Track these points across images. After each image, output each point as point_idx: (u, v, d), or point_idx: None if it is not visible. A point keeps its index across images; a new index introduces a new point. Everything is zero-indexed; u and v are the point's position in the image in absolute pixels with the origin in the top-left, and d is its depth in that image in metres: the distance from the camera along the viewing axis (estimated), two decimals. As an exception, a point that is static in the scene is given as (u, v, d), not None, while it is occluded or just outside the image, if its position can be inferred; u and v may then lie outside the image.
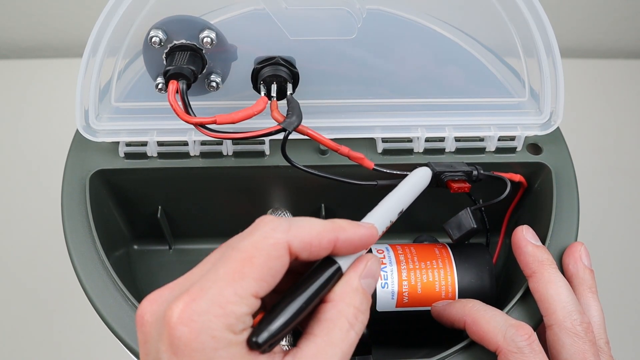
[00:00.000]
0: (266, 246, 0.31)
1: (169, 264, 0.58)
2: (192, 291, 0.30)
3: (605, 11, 0.91)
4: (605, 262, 0.76)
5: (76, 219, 0.48)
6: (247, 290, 0.30)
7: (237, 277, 0.30)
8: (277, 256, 0.31)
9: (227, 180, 0.52)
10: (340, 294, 0.33)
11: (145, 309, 0.32)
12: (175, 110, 0.43)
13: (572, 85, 0.72)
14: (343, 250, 0.34)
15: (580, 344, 0.40)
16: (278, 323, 0.31)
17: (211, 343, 0.30)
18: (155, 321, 0.31)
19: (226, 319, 0.30)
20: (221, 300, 0.30)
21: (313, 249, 0.32)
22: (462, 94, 0.50)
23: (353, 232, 0.34)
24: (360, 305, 0.33)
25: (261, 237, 0.31)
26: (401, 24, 0.46)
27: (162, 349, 0.30)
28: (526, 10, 0.46)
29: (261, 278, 0.31)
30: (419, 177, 0.44)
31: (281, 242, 0.31)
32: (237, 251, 0.31)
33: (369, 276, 0.34)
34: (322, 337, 0.32)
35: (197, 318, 0.30)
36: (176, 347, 0.30)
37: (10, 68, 0.93)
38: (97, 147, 0.50)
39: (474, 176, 0.48)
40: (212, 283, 0.30)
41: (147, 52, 0.46)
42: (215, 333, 0.30)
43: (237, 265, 0.31)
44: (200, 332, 0.30)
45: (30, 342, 0.71)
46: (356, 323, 0.33)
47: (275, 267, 0.31)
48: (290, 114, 0.43)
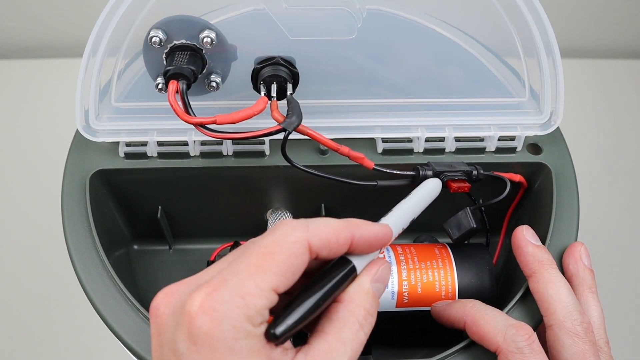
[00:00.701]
0: (287, 243, 0.32)
1: (169, 263, 0.58)
2: (214, 282, 0.31)
3: (605, 11, 0.91)
4: (605, 262, 0.76)
5: (76, 219, 0.48)
6: (267, 284, 0.31)
7: (259, 270, 0.31)
8: (297, 253, 0.32)
9: (227, 180, 0.52)
10: (353, 295, 0.34)
11: (161, 301, 0.32)
12: (175, 110, 0.43)
13: (572, 85, 0.72)
14: (359, 247, 0.35)
15: (581, 344, 0.40)
16: (295, 316, 0.32)
17: (232, 333, 0.30)
18: (172, 312, 0.32)
19: (247, 310, 0.30)
20: (242, 292, 0.31)
21: (332, 246, 0.33)
22: (462, 94, 0.50)
23: (369, 229, 0.35)
24: (370, 307, 0.34)
25: (282, 234, 0.32)
26: (401, 24, 0.46)
27: (180, 339, 0.31)
28: (526, 10, 0.46)
29: (281, 273, 0.32)
30: (431, 187, 0.45)
31: (301, 240, 0.32)
32: (258, 246, 0.32)
33: (379, 280, 0.35)
34: (334, 335, 0.33)
35: (218, 307, 0.30)
36: (196, 337, 0.30)
37: (10, 68, 0.93)
38: (97, 147, 0.50)
39: (473, 176, 0.48)
40: (234, 275, 0.31)
41: (147, 52, 0.46)
42: (236, 323, 0.30)
43: (259, 259, 0.32)
44: (221, 321, 0.30)
45: (30, 342, 0.71)
46: (365, 324, 0.34)
47: (295, 264, 0.32)
48: (290, 114, 0.43)
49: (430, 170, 0.48)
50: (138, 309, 0.44)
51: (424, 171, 0.48)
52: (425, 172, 0.48)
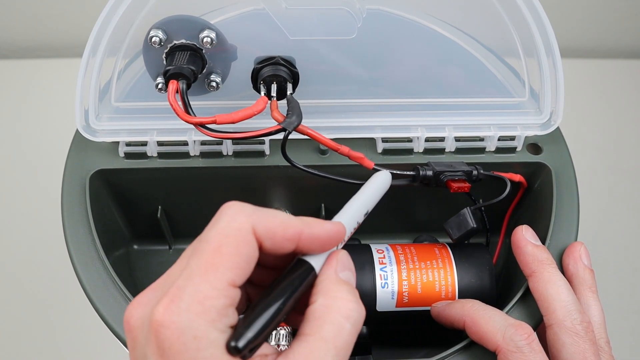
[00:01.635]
0: (232, 231, 0.31)
1: (169, 263, 0.57)
2: (171, 292, 0.30)
3: (605, 11, 0.91)
4: (605, 262, 0.76)
5: (76, 219, 0.48)
6: (222, 282, 0.30)
7: (210, 270, 0.30)
8: (244, 241, 0.31)
9: (227, 180, 0.52)
10: (323, 291, 0.32)
11: (131, 313, 0.31)
12: (175, 110, 0.43)
13: (572, 85, 0.72)
14: (310, 246, 0.33)
15: (581, 344, 0.40)
16: (256, 327, 0.30)
17: (193, 344, 0.29)
18: (142, 325, 0.31)
19: (207, 316, 0.29)
20: (199, 297, 0.29)
21: (277, 239, 0.32)
22: (462, 93, 0.50)
23: (319, 226, 0.33)
24: (348, 295, 0.32)
25: (226, 222, 0.31)
26: (401, 24, 0.46)
27: (150, 352, 0.30)
28: (526, 10, 0.46)
29: (234, 266, 0.30)
30: (381, 180, 0.43)
31: (245, 226, 0.31)
32: (205, 243, 0.31)
33: (344, 269, 0.33)
34: (313, 335, 0.31)
35: (177, 319, 0.29)
36: (162, 351, 0.29)
37: (10, 68, 0.93)
38: (97, 147, 0.50)
39: (473, 176, 0.48)
40: (188, 280, 0.30)
41: (147, 52, 0.46)
42: (197, 333, 0.29)
43: (208, 257, 0.30)
44: (182, 333, 0.29)
45: (30, 342, 0.71)
46: (350, 314, 0.31)
47: (246, 253, 0.31)
48: (290, 114, 0.43)
49: (430, 170, 0.48)
50: (138, 309, 0.44)
51: (424, 171, 0.48)
52: (425, 172, 0.48)
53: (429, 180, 0.48)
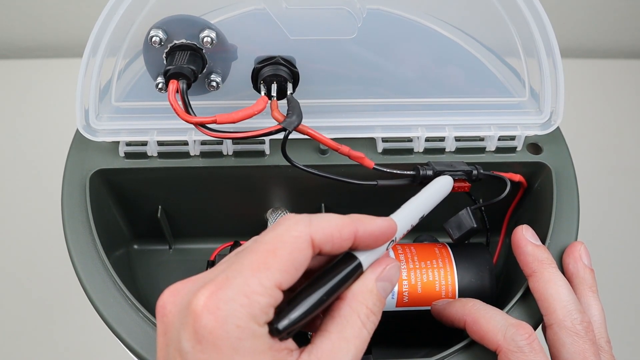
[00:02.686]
0: (290, 238, 0.32)
1: (169, 263, 0.58)
2: (218, 280, 0.31)
3: (605, 11, 0.91)
4: (605, 262, 0.76)
5: (76, 219, 0.48)
6: (271, 281, 0.31)
7: (262, 268, 0.31)
8: (300, 249, 0.32)
9: (227, 180, 0.52)
10: (355, 292, 0.34)
11: (167, 299, 0.32)
12: (176, 109, 0.43)
13: (572, 85, 0.72)
14: (364, 242, 0.34)
15: (581, 343, 0.40)
16: (299, 311, 0.32)
17: (236, 332, 0.30)
18: (178, 311, 0.31)
19: (251, 309, 0.30)
20: (246, 290, 0.30)
21: (335, 241, 0.33)
22: (462, 93, 0.50)
23: (372, 223, 0.34)
24: (373, 306, 0.34)
25: (285, 230, 0.32)
26: (401, 24, 0.46)
27: (185, 337, 0.30)
28: (526, 10, 0.46)
29: (285, 269, 0.31)
30: (442, 185, 0.45)
31: (304, 235, 0.32)
32: (260, 244, 0.32)
33: (386, 279, 0.35)
34: (336, 333, 0.33)
35: (222, 306, 0.30)
36: (201, 336, 0.30)
37: (10, 68, 0.93)
38: (97, 147, 0.50)
39: (473, 176, 0.48)
40: (238, 273, 0.31)
41: (147, 52, 0.46)
42: (240, 322, 0.30)
43: (262, 256, 0.31)
44: (225, 320, 0.30)
45: (30, 342, 0.71)
46: (368, 322, 0.34)
47: (298, 260, 0.32)
48: (290, 114, 0.43)
49: (430, 170, 0.48)
50: (138, 309, 0.44)
51: (424, 171, 0.48)
52: (425, 172, 0.48)
53: (429, 180, 0.48)
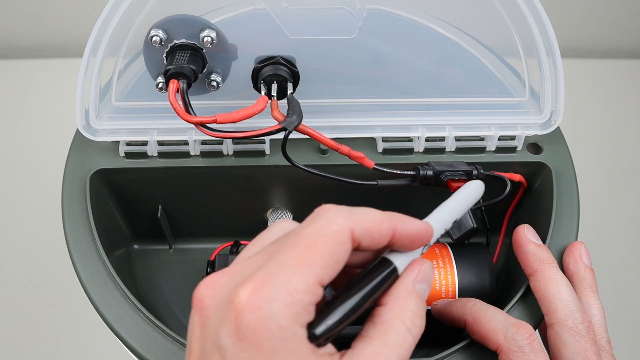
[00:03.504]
0: (330, 232, 0.31)
1: (169, 263, 0.58)
2: (259, 277, 0.30)
3: (605, 11, 0.91)
4: (605, 262, 0.76)
5: (76, 219, 0.48)
6: (313, 278, 0.30)
7: (304, 264, 0.30)
8: (340, 242, 0.31)
9: (227, 180, 0.52)
10: (395, 297, 0.33)
11: (205, 292, 0.31)
12: (176, 109, 0.43)
13: (572, 85, 0.72)
14: (401, 242, 0.33)
15: (582, 343, 0.40)
16: (335, 317, 0.31)
17: (278, 333, 0.29)
18: (217, 306, 0.30)
19: (293, 308, 0.29)
20: (289, 288, 0.29)
21: (374, 236, 0.32)
22: (463, 93, 0.50)
23: (411, 223, 0.33)
24: (417, 309, 0.33)
25: (324, 223, 0.31)
26: (402, 24, 0.46)
27: (225, 334, 0.30)
28: (527, 10, 0.46)
29: (326, 265, 0.30)
30: (473, 189, 0.44)
31: (344, 228, 0.31)
32: (300, 237, 0.31)
33: (423, 281, 0.34)
34: (379, 339, 0.31)
35: (265, 305, 0.29)
36: (242, 334, 0.29)
37: (10, 68, 0.93)
38: (97, 147, 0.50)
39: (473, 176, 0.48)
40: (279, 269, 0.30)
41: (147, 52, 0.46)
42: (283, 322, 0.29)
43: (302, 251, 0.30)
44: (268, 320, 0.29)
45: (30, 342, 0.71)
46: (413, 327, 0.32)
47: (338, 254, 0.31)
48: (290, 114, 0.43)
49: (430, 170, 0.48)
50: (138, 308, 0.44)
51: (424, 171, 0.48)
52: (425, 172, 0.48)
53: (429, 180, 0.48)
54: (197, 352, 0.31)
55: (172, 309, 0.56)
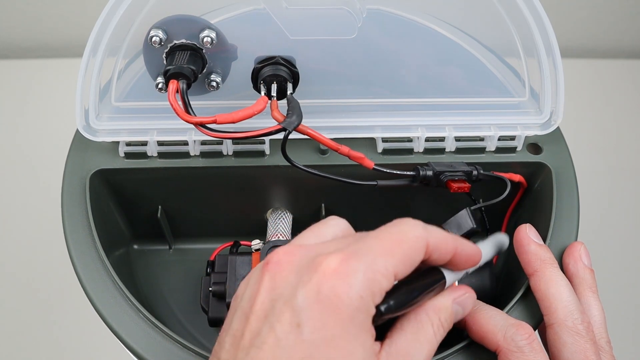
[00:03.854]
0: (412, 237, 0.34)
1: (169, 263, 0.59)
2: (347, 251, 0.32)
3: (605, 11, 0.91)
4: (605, 262, 0.76)
5: (76, 219, 0.48)
6: (393, 267, 0.33)
7: (388, 253, 0.33)
8: (418, 248, 0.34)
9: (227, 180, 0.52)
10: (434, 303, 0.36)
11: (283, 257, 0.33)
12: (176, 109, 0.43)
13: (572, 85, 0.72)
14: (458, 260, 0.37)
15: (582, 343, 0.40)
16: (396, 301, 0.34)
17: (357, 302, 0.31)
18: (296, 269, 0.32)
19: (373, 286, 0.32)
20: (374, 268, 0.32)
21: (442, 251, 0.35)
22: (463, 93, 0.50)
23: (468, 245, 0.37)
24: (444, 321, 0.36)
25: (408, 228, 0.34)
26: (401, 24, 0.46)
27: (304, 294, 0.31)
28: (526, 10, 0.46)
29: (404, 261, 0.33)
30: (501, 241, 0.46)
31: (423, 238, 0.34)
32: (387, 234, 0.34)
33: (461, 304, 0.38)
34: (411, 334, 0.35)
35: (352, 274, 0.31)
36: (324, 296, 0.31)
37: (10, 68, 0.93)
38: (97, 147, 0.50)
39: (473, 176, 0.48)
40: (367, 250, 0.32)
41: (147, 52, 0.46)
42: (363, 294, 0.31)
43: (389, 243, 0.33)
44: (352, 288, 0.31)
45: (30, 342, 0.71)
46: (437, 333, 0.36)
47: (414, 258, 0.34)
48: (290, 114, 0.43)
49: (430, 170, 0.48)
50: (138, 309, 0.44)
51: (424, 171, 0.48)
52: (425, 172, 0.48)
53: (429, 180, 0.48)
54: (262, 312, 0.32)
55: (171, 308, 0.56)
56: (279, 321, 0.31)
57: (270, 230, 0.54)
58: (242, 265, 0.49)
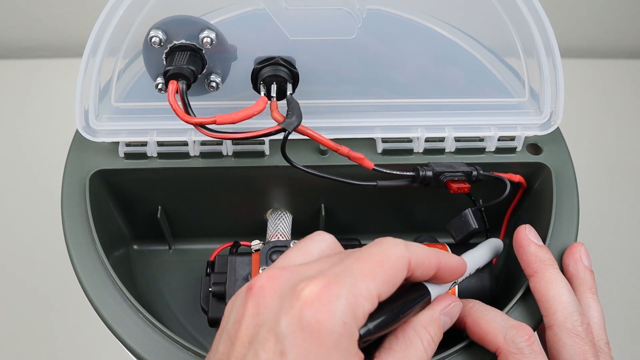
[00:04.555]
0: (393, 256, 0.34)
1: (169, 263, 0.58)
2: (328, 275, 0.32)
3: (605, 11, 0.91)
4: (605, 262, 0.76)
5: (76, 219, 0.48)
6: (376, 289, 0.33)
7: (370, 275, 0.33)
8: (400, 268, 0.34)
9: (227, 181, 0.52)
10: (421, 319, 0.36)
11: (266, 282, 0.33)
12: (175, 110, 0.43)
13: (572, 85, 0.72)
14: (442, 274, 0.37)
15: (581, 345, 0.40)
16: (376, 322, 0.34)
17: (340, 328, 0.31)
18: (279, 295, 0.32)
19: (356, 310, 0.32)
20: (356, 292, 0.32)
21: (425, 268, 0.36)
22: (462, 94, 0.50)
23: (452, 258, 0.38)
24: (434, 335, 0.36)
25: (388, 247, 0.34)
26: (401, 24, 0.46)
27: (286, 322, 0.31)
28: (526, 10, 0.46)
29: (386, 282, 0.33)
30: (495, 246, 0.47)
31: (405, 256, 0.34)
32: (368, 254, 0.34)
33: (448, 315, 0.38)
34: (401, 352, 0.35)
35: (334, 300, 0.31)
36: (306, 323, 0.31)
37: (10, 68, 0.93)
38: (97, 147, 0.50)
39: (473, 177, 0.48)
40: (348, 274, 0.32)
41: (147, 52, 0.45)
42: (346, 320, 0.31)
43: (370, 265, 0.33)
44: (334, 314, 0.31)
45: (30, 342, 0.71)
46: (428, 349, 0.36)
47: (396, 277, 0.34)
48: (290, 114, 0.43)
49: (430, 171, 0.48)
50: (138, 309, 0.44)
51: (424, 172, 0.48)
52: (425, 173, 0.48)
53: (428, 180, 0.48)
54: (247, 338, 0.32)
55: (171, 309, 0.56)
56: (264, 349, 0.31)
57: (270, 230, 0.54)
58: (242, 266, 0.49)
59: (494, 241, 0.48)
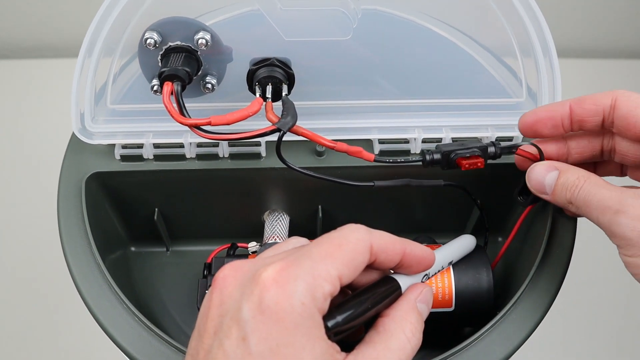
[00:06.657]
0: (353, 239, 0.34)
1: (166, 265, 0.58)
2: (287, 260, 0.33)
3: (605, 11, 0.91)
4: (605, 262, 0.76)
5: (72, 222, 0.48)
6: (336, 271, 0.33)
7: (329, 257, 0.33)
8: (361, 251, 0.34)
9: (223, 182, 0.52)
10: (398, 309, 0.36)
11: (229, 272, 0.34)
12: (170, 111, 0.43)
13: (571, 86, 0.72)
14: (408, 262, 0.37)
15: None
16: (344, 315, 0.34)
17: (299, 309, 0.31)
18: (240, 284, 0.33)
19: (315, 291, 0.32)
20: (314, 273, 0.32)
21: (389, 253, 0.36)
22: (459, 94, 0.50)
23: (418, 247, 0.38)
24: (416, 323, 0.36)
25: (349, 232, 0.35)
26: (397, 24, 0.46)
27: (247, 307, 0.31)
28: (522, 10, 0.45)
29: (347, 264, 0.33)
30: (467, 242, 0.47)
31: (366, 239, 0.35)
32: (327, 239, 0.34)
33: (423, 301, 0.38)
34: (381, 344, 0.34)
35: (292, 281, 0.32)
36: (265, 306, 0.31)
37: (10, 68, 0.93)
38: (93, 150, 0.50)
39: (490, 153, 0.44)
40: (307, 257, 0.33)
41: (142, 54, 0.45)
42: (305, 300, 0.31)
43: (329, 247, 0.34)
44: (292, 295, 0.31)
45: (27, 344, 0.71)
46: (412, 338, 0.35)
47: (358, 260, 0.34)
48: (285, 115, 0.43)
49: (438, 153, 0.45)
50: (134, 313, 0.44)
51: (431, 155, 0.45)
52: (432, 156, 0.45)
53: (437, 162, 0.45)
54: (212, 329, 0.33)
55: (169, 311, 0.56)
56: (227, 337, 0.31)
57: (267, 232, 0.54)
58: (239, 268, 0.49)
59: (466, 237, 0.48)
